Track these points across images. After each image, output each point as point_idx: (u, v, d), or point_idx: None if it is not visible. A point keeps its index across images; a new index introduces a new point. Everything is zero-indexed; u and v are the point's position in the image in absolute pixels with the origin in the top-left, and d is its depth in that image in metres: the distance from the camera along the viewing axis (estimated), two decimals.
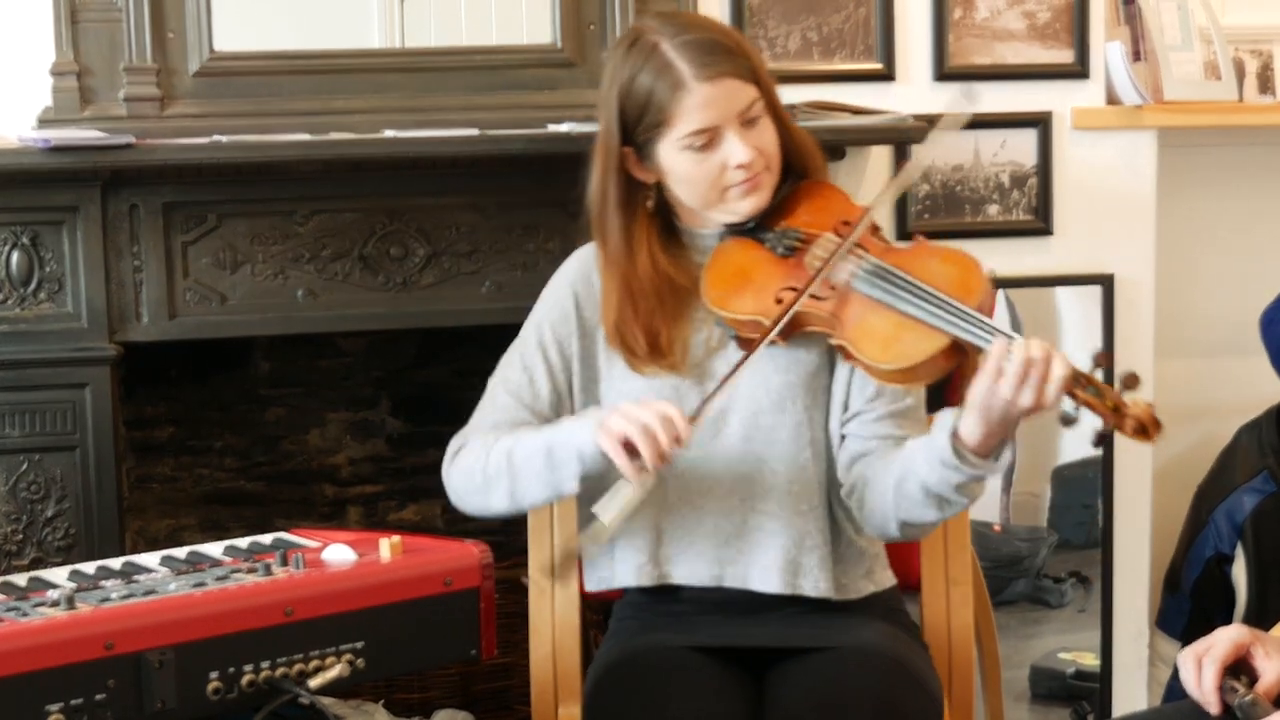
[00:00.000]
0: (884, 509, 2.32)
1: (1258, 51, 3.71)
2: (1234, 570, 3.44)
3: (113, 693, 1.97)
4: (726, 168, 2.33)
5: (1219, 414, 3.71)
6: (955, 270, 2.26)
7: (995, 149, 3.39)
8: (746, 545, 2.39)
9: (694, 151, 2.32)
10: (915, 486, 2.26)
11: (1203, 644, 2.11)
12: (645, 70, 2.32)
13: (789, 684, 2.31)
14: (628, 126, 2.36)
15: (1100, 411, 2.10)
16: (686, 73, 2.30)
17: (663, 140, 2.34)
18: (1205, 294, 3.77)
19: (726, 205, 2.37)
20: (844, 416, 2.39)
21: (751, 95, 2.33)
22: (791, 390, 2.38)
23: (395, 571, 2.21)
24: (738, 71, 2.32)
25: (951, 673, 2.58)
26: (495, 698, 3.30)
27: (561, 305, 2.45)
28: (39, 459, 2.82)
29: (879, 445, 2.36)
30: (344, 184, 2.88)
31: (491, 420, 2.43)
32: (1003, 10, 3.37)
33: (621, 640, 2.42)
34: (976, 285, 2.22)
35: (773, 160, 2.37)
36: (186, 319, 2.87)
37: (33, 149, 2.72)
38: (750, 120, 2.33)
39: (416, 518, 3.39)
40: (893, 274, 2.27)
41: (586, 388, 2.44)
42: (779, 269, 2.35)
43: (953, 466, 2.20)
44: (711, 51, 2.31)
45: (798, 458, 2.38)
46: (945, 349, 2.19)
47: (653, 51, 2.32)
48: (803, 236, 2.36)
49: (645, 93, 2.32)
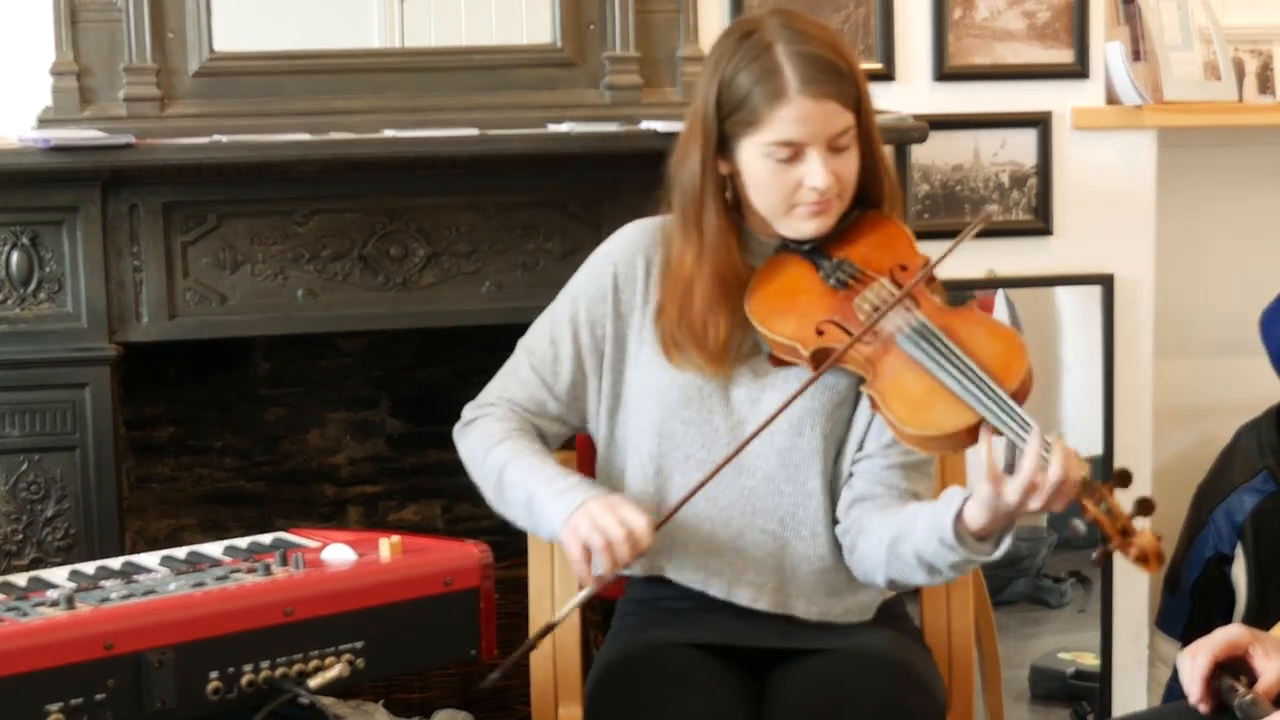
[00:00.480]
0: (875, 562, 2.31)
1: (1257, 51, 3.71)
2: (1234, 570, 3.44)
3: (112, 693, 1.97)
4: (801, 186, 2.31)
5: (1219, 414, 3.71)
6: (1000, 348, 2.23)
7: (995, 149, 3.39)
8: (739, 560, 2.38)
9: (775, 161, 2.30)
10: (909, 551, 2.25)
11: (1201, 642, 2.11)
12: (752, 67, 2.29)
13: (791, 685, 2.31)
14: (721, 111, 2.32)
15: (1106, 530, 2.10)
16: (792, 83, 2.27)
17: (748, 139, 2.32)
18: (1205, 294, 3.77)
19: (791, 221, 2.35)
20: (856, 455, 2.38)
21: (847, 123, 2.31)
22: (813, 416, 2.36)
23: (395, 571, 2.21)
24: (842, 97, 2.29)
25: (951, 673, 2.58)
26: (495, 698, 3.30)
27: (601, 283, 2.44)
28: (39, 459, 2.82)
29: (884, 493, 2.35)
30: (344, 184, 2.88)
31: (511, 394, 2.45)
32: (1002, 10, 3.37)
33: (623, 639, 2.42)
34: (1017, 368, 2.20)
35: (847, 189, 2.35)
36: (186, 319, 2.87)
37: (33, 149, 2.72)
38: (838, 147, 2.31)
39: (416, 518, 3.39)
40: (938, 339, 2.24)
41: (615, 367, 2.44)
42: (826, 300, 2.33)
43: (950, 547, 2.20)
44: (824, 70, 2.28)
45: (806, 483, 2.37)
46: (971, 427, 2.18)
47: (765, 51, 2.29)
48: (857, 274, 2.34)
49: (745, 89, 2.29)
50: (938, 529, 2.20)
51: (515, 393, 2.45)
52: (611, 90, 3.08)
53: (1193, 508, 3.55)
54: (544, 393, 2.44)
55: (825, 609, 2.39)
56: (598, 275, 2.45)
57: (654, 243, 2.44)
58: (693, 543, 2.39)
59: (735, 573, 2.38)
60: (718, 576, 2.39)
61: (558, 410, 2.45)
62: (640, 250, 2.44)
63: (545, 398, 2.44)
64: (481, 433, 2.43)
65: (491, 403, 2.46)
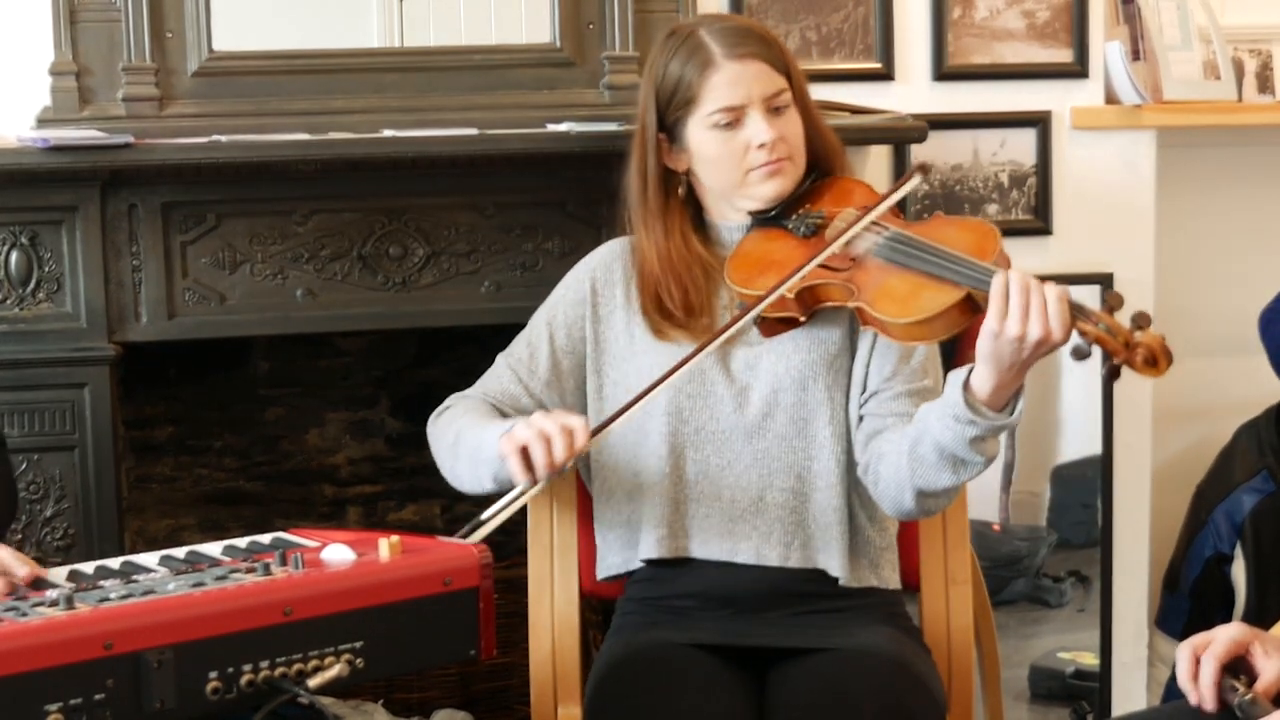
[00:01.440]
0: (899, 479, 2.31)
1: (1257, 51, 3.71)
2: (1233, 570, 3.43)
3: (112, 692, 1.96)
4: (750, 148, 2.41)
5: (1218, 413, 3.71)
6: (972, 235, 2.29)
7: (994, 149, 3.39)
8: (762, 521, 2.41)
9: (720, 130, 2.41)
10: (930, 448, 2.25)
11: (1201, 639, 2.10)
12: (679, 53, 2.44)
13: (790, 684, 2.31)
14: (661, 111, 2.46)
15: (1110, 346, 2.10)
16: (717, 51, 2.41)
17: (691, 119, 2.43)
18: (1204, 293, 3.77)
19: (749, 189, 2.43)
20: (862, 397, 2.42)
21: (779, 84, 2.43)
22: (813, 369, 2.41)
23: (394, 571, 2.21)
24: (768, 57, 2.43)
25: (951, 672, 2.58)
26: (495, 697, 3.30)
27: (579, 289, 2.53)
28: (38, 459, 2.82)
29: (895, 422, 2.38)
30: (343, 184, 2.88)
31: (486, 387, 2.52)
32: (1002, 10, 3.37)
33: (624, 638, 2.43)
34: (991, 246, 2.25)
35: (796, 150, 2.45)
36: (185, 319, 2.87)
37: (32, 149, 2.72)
38: (776, 108, 2.42)
39: (416, 518, 3.39)
40: (911, 239, 2.30)
41: (597, 368, 2.50)
42: (801, 248, 2.39)
43: (966, 420, 2.19)
44: (744, 35, 2.43)
45: (817, 435, 2.41)
46: (961, 301, 2.21)
47: (689, 36, 2.45)
48: (824, 216, 2.42)
49: (677, 74, 2.44)
50: (951, 408, 2.21)
51: (490, 387, 2.52)
52: (611, 90, 3.08)
53: (1192, 507, 3.55)
54: (517, 388, 2.50)
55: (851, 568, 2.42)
56: (575, 282, 2.55)
57: (632, 252, 2.54)
58: (714, 514, 2.42)
59: (762, 535, 2.41)
60: (745, 541, 2.42)
61: (530, 406, 2.49)
62: (619, 259, 2.54)
63: (519, 393, 2.50)
64: (449, 416, 2.49)
65: (467, 394, 2.53)
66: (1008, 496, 3.46)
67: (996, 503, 3.44)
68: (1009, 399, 2.20)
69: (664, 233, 2.48)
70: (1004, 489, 3.45)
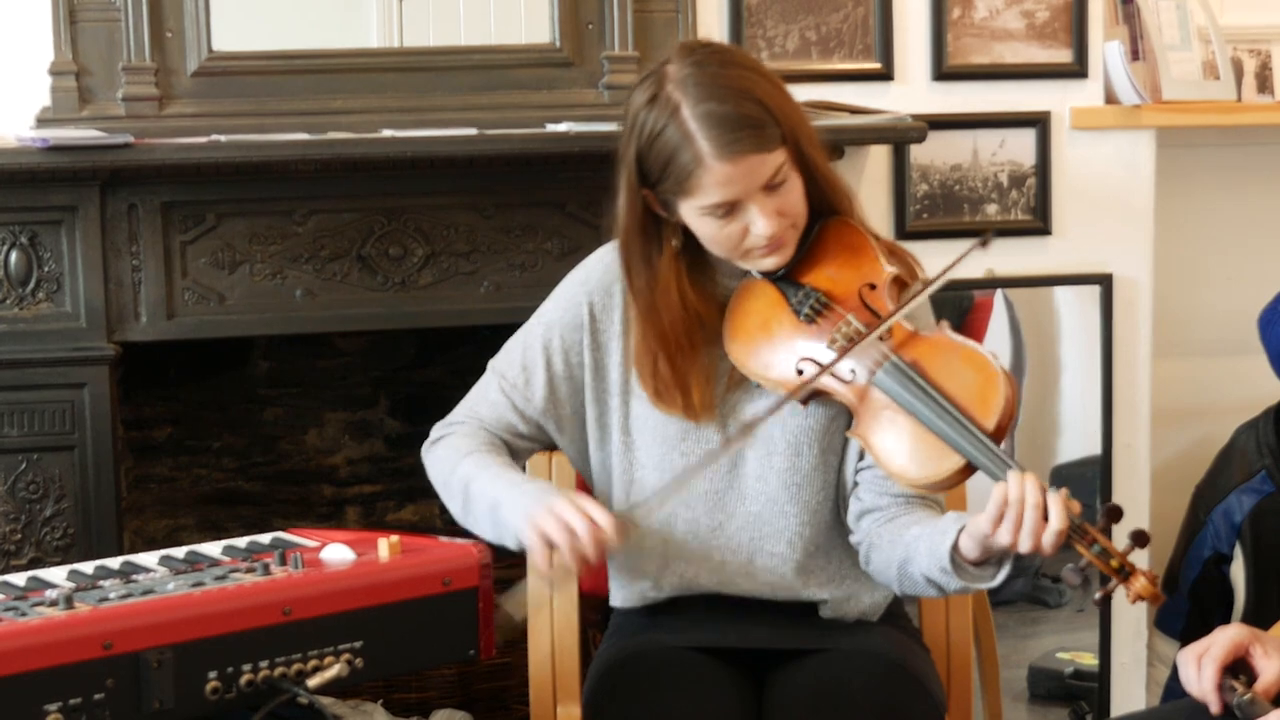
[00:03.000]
0: (888, 577, 2.33)
1: (1256, 51, 3.71)
2: (1232, 570, 3.43)
3: (111, 692, 1.96)
4: (748, 233, 2.26)
5: (1217, 414, 3.71)
6: (976, 380, 2.20)
7: (994, 149, 3.39)
8: (752, 585, 2.38)
9: (715, 219, 2.25)
10: (918, 573, 2.26)
11: (1202, 644, 2.11)
12: (665, 133, 2.22)
13: (789, 685, 2.31)
14: (649, 180, 2.27)
15: (1105, 571, 2.11)
16: (706, 150, 2.19)
17: (682, 203, 2.26)
18: (1203, 294, 3.77)
19: (750, 262, 2.31)
20: (859, 464, 2.37)
21: (776, 163, 2.23)
22: (809, 434, 2.35)
23: (394, 571, 2.21)
24: (761, 145, 2.21)
25: (950, 673, 2.58)
26: (494, 698, 3.30)
27: (576, 312, 2.40)
28: (37, 459, 2.82)
29: (889, 503, 2.34)
30: (342, 184, 2.88)
31: (480, 414, 2.42)
32: (1001, 10, 3.37)
33: (621, 640, 2.42)
34: (994, 401, 2.18)
35: (799, 217, 2.29)
36: (185, 319, 2.87)
37: (31, 149, 2.72)
38: (774, 185, 2.24)
39: (415, 518, 3.39)
40: (913, 378, 2.22)
41: (599, 398, 2.40)
42: (800, 334, 2.30)
43: (951, 575, 2.21)
44: (734, 128, 2.19)
45: (810, 501, 2.36)
46: (959, 470, 2.18)
47: (674, 115, 2.22)
48: (825, 306, 2.30)
49: (666, 158, 2.23)
50: (936, 559, 2.22)
51: (484, 414, 2.42)
52: (610, 90, 3.08)
53: (1191, 508, 3.55)
54: (513, 415, 2.40)
55: (843, 610, 2.40)
56: (572, 304, 2.40)
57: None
58: (703, 574, 2.39)
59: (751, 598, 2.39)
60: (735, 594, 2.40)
61: (527, 431, 2.42)
62: (615, 277, 2.39)
63: (515, 420, 2.40)
64: (448, 448, 2.39)
65: (460, 421, 2.43)
66: None
67: None
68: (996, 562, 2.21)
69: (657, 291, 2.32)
70: None
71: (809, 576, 2.38)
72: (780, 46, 3.27)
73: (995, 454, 2.15)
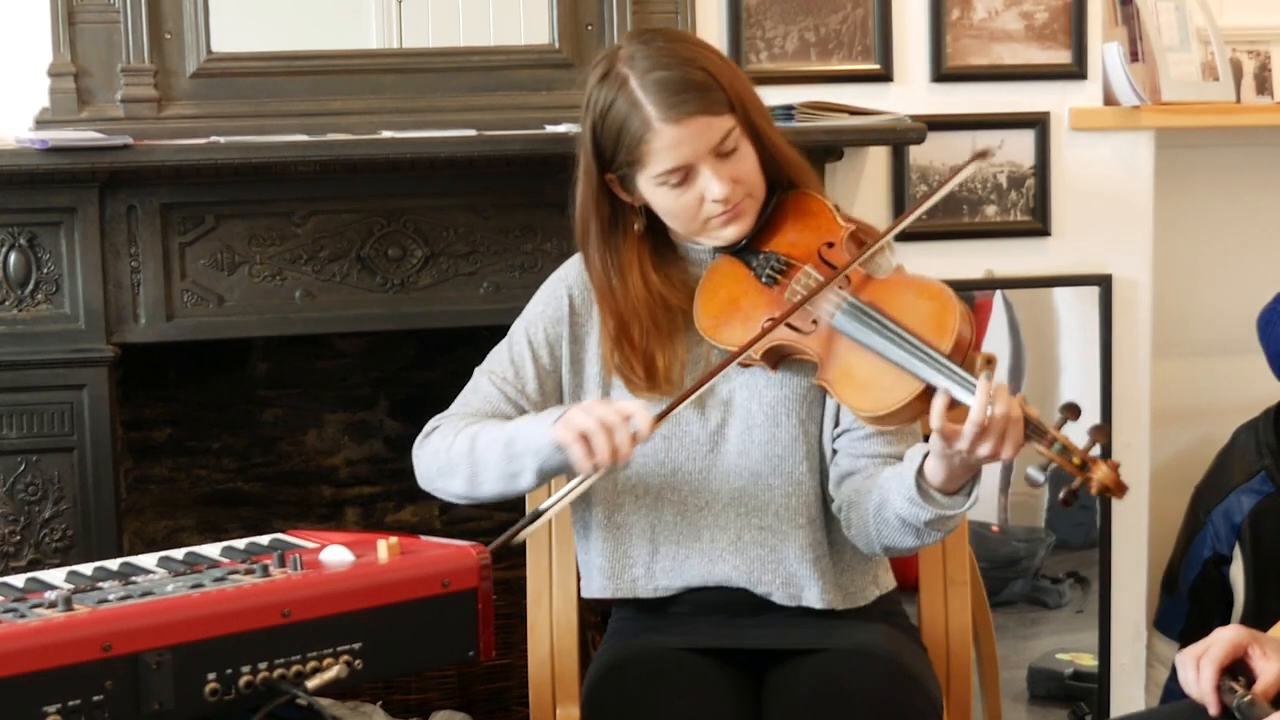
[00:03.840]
0: (866, 532, 2.33)
1: (1255, 52, 3.71)
2: (1232, 571, 3.43)
3: (110, 694, 1.96)
4: (704, 201, 2.31)
5: (1216, 414, 3.71)
6: (931, 308, 2.24)
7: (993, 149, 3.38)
8: (743, 561, 2.39)
9: (670, 187, 2.30)
10: (892, 515, 2.27)
11: (1201, 645, 2.11)
12: (615, 105, 2.30)
13: (787, 685, 2.31)
14: (604, 157, 2.34)
15: (1066, 468, 2.11)
16: (653, 114, 2.26)
17: (639, 176, 2.32)
18: (1203, 294, 3.77)
19: (710, 233, 2.36)
20: (835, 432, 2.39)
21: (725, 127, 2.29)
22: (785, 405, 2.38)
23: (393, 573, 2.21)
24: (708, 107, 2.27)
25: (949, 673, 2.58)
26: (493, 699, 3.31)
27: (557, 305, 2.44)
28: (36, 460, 2.82)
29: (868, 464, 2.36)
30: (341, 185, 2.88)
31: (472, 407, 2.42)
32: (1000, 11, 3.37)
33: (620, 641, 2.42)
34: (950, 323, 2.21)
35: (754, 186, 2.34)
36: (184, 320, 2.87)
37: (30, 150, 2.72)
38: (726, 152, 2.29)
39: (414, 519, 3.39)
40: (870, 314, 2.26)
41: (574, 393, 2.44)
42: (763, 298, 2.35)
43: (920, 505, 2.21)
44: (679, 90, 2.26)
45: (793, 472, 2.38)
46: (920, 394, 2.19)
47: (622, 87, 2.30)
48: (784, 265, 2.35)
49: (616, 129, 2.30)
50: (904, 490, 2.23)
51: (478, 405, 2.43)
52: None
53: (1190, 508, 3.55)
54: (506, 405, 2.42)
55: (829, 596, 2.39)
56: (553, 298, 2.45)
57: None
58: (694, 555, 2.40)
59: (744, 576, 2.39)
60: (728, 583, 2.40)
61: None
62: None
63: (509, 410, 2.42)
64: (441, 434, 2.40)
65: (452, 414, 2.44)
66: (1006, 498, 3.46)
67: (995, 504, 3.44)
68: (965, 484, 2.22)
69: (619, 279, 2.37)
70: (1002, 490, 3.45)
71: (799, 551, 2.38)
72: (779, 47, 3.27)
73: (954, 370, 2.16)
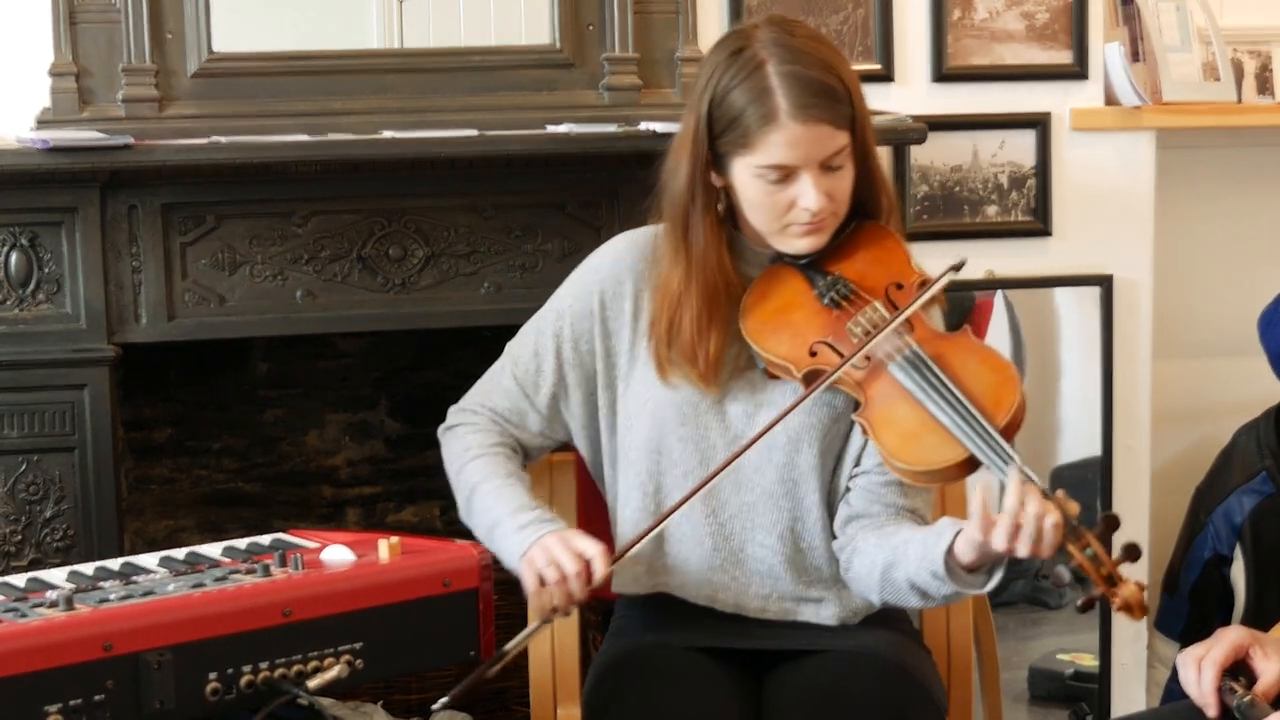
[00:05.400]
0: (869, 584, 2.32)
1: (1256, 52, 3.71)
2: (1232, 572, 3.43)
3: (111, 693, 1.97)
4: (794, 206, 2.28)
5: (1217, 415, 3.71)
6: (992, 379, 2.22)
7: (994, 150, 3.39)
8: (743, 574, 2.39)
9: (767, 182, 2.28)
10: (902, 579, 2.26)
11: (1202, 646, 2.11)
12: (743, 87, 2.26)
13: (788, 686, 2.31)
14: (713, 130, 2.30)
15: (1092, 576, 2.11)
16: (782, 108, 2.23)
17: (740, 159, 2.29)
18: (1203, 295, 3.77)
19: (785, 239, 2.33)
20: (854, 470, 2.38)
21: (841, 143, 2.27)
22: (809, 432, 2.36)
23: (394, 572, 2.21)
24: (834, 119, 2.25)
25: (950, 674, 2.58)
26: (494, 698, 3.30)
27: (587, 300, 2.43)
28: (37, 460, 2.82)
29: (880, 511, 2.34)
30: (343, 185, 2.88)
31: (493, 403, 2.46)
32: (1001, 11, 3.37)
33: (621, 641, 2.42)
34: (1008, 400, 2.19)
35: (841, 206, 2.32)
36: (185, 320, 2.87)
37: (31, 150, 2.72)
38: (831, 167, 2.28)
39: (415, 519, 3.39)
40: (929, 369, 2.23)
41: (609, 384, 2.43)
42: (819, 319, 2.32)
43: (942, 580, 2.21)
44: (815, 94, 2.24)
45: (804, 499, 2.37)
46: (961, 463, 2.18)
47: (756, 70, 2.25)
48: (851, 293, 2.33)
49: (737, 110, 2.26)
50: (929, 562, 2.22)
51: (498, 402, 2.46)
52: (610, 91, 3.08)
53: (1191, 509, 3.55)
54: (525, 404, 2.45)
55: (826, 616, 2.39)
56: (584, 292, 2.44)
57: (643, 257, 2.43)
58: (694, 559, 2.39)
59: (740, 586, 2.39)
60: (724, 591, 2.40)
61: (539, 424, 2.45)
62: (628, 267, 2.43)
63: (527, 409, 2.45)
64: (461, 442, 2.44)
65: (474, 410, 2.47)
66: None
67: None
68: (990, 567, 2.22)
69: (705, 253, 2.34)
70: None
71: (799, 573, 2.38)
72: None
73: (1002, 448, 2.15)
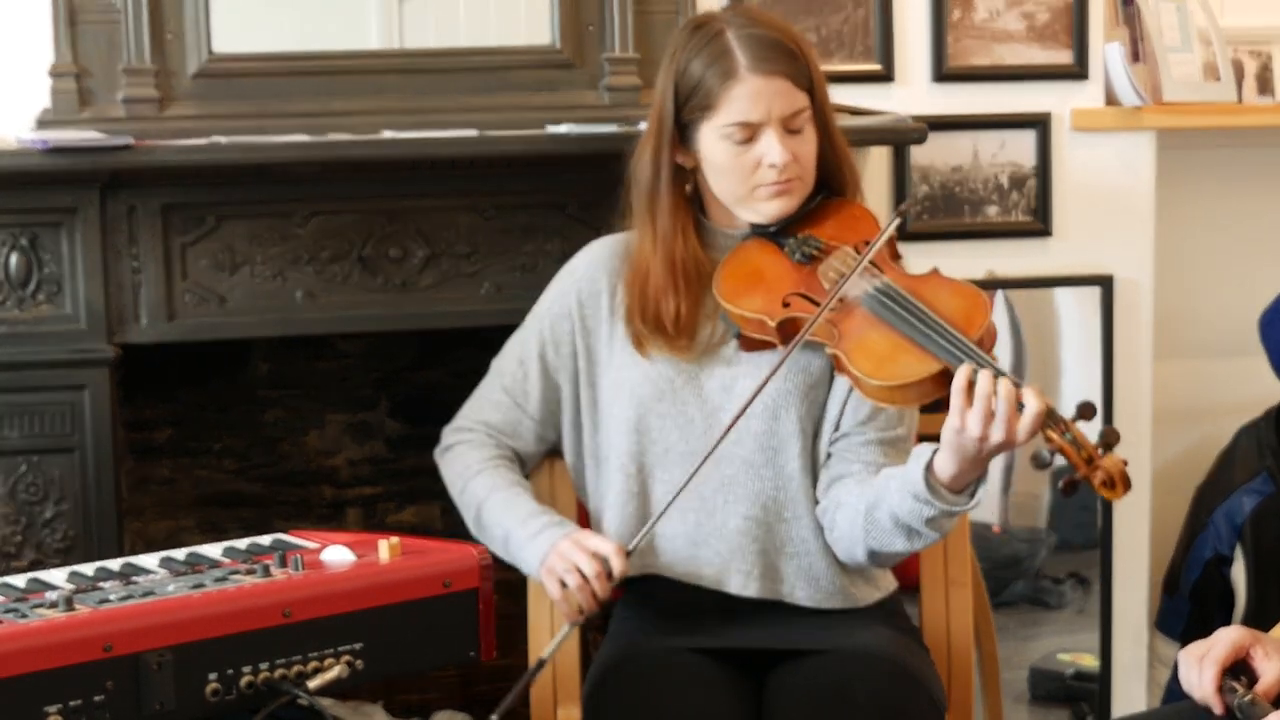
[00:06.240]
0: (853, 534, 2.33)
1: (1257, 53, 3.71)
2: (1233, 572, 3.44)
3: (111, 694, 1.97)
4: (760, 165, 2.35)
5: (1218, 415, 3.71)
6: (962, 302, 2.26)
7: (994, 150, 3.39)
8: (725, 548, 2.40)
9: (733, 143, 2.36)
10: (886, 515, 2.26)
11: (1203, 645, 2.11)
12: (704, 53, 2.37)
13: (788, 686, 2.31)
14: (677, 107, 2.39)
15: (1072, 459, 2.12)
16: (742, 62, 2.34)
17: (706, 124, 2.37)
18: (1204, 295, 3.77)
19: (754, 204, 2.39)
20: (833, 435, 2.40)
21: (801, 103, 2.36)
22: (788, 399, 2.38)
23: (394, 573, 2.21)
24: (793, 75, 2.35)
25: (950, 674, 2.58)
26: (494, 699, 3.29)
27: (564, 301, 2.50)
28: (37, 461, 2.82)
29: (860, 470, 2.37)
30: (343, 185, 2.88)
31: (485, 418, 2.52)
32: (1001, 11, 3.37)
33: (621, 641, 2.43)
34: (980, 319, 2.23)
35: (807, 171, 2.39)
36: (185, 321, 2.87)
37: (31, 150, 2.72)
38: (794, 128, 2.36)
39: (415, 519, 3.39)
40: (900, 296, 2.27)
41: (590, 380, 2.49)
42: (792, 274, 2.36)
43: (924, 500, 2.21)
44: (773, 48, 2.35)
45: (785, 466, 2.39)
46: (936, 374, 2.20)
47: (715, 37, 2.37)
48: (822, 246, 2.38)
49: (699, 75, 2.36)
50: (910, 485, 2.23)
51: (490, 416, 2.52)
52: (610, 91, 3.08)
53: (1192, 509, 3.55)
54: (517, 413, 2.51)
55: (814, 594, 2.40)
56: (561, 294, 2.52)
57: (617, 254, 2.50)
58: (679, 536, 2.41)
59: (723, 561, 2.40)
60: (708, 566, 2.41)
61: (533, 430, 2.51)
62: (603, 265, 2.50)
63: (519, 418, 2.51)
64: (460, 461, 2.51)
65: (469, 428, 2.53)
66: (1007, 498, 3.46)
67: (996, 504, 3.44)
68: (970, 483, 2.22)
69: (670, 228, 2.42)
70: (1004, 491, 3.45)
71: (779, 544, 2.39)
72: None
73: (977, 353, 2.17)
